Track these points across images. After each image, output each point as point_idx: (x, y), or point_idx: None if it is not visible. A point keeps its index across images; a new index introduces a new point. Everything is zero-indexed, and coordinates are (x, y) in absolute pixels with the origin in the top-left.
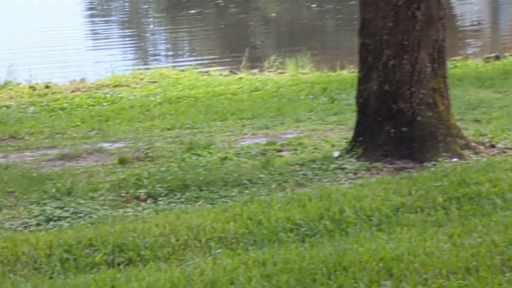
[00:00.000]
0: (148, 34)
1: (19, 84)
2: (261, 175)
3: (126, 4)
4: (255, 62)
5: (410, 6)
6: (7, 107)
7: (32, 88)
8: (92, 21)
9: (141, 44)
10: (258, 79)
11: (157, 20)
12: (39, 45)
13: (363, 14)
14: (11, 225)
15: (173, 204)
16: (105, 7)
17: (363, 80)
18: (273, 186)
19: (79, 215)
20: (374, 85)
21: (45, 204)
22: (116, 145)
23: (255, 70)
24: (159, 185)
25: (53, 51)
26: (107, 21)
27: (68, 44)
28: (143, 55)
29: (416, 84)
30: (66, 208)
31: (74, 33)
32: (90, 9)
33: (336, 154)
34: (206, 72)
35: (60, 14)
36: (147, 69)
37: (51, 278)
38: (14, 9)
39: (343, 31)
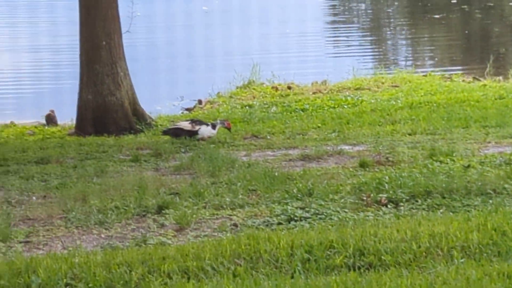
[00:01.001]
0: (390, 38)
1: (262, 84)
2: (506, 185)
3: (369, 8)
4: (500, 69)
5: None
6: (250, 106)
7: (275, 88)
8: (334, 23)
9: (383, 47)
10: (503, 87)
11: (399, 23)
12: (282, 47)
13: None
14: (253, 222)
15: (415, 210)
16: (347, 11)
17: None
18: None
19: (320, 216)
20: None
21: (286, 203)
22: (357, 148)
23: (500, 77)
24: (400, 190)
25: (295, 53)
26: (349, 23)
27: (310, 46)
28: (384, 58)
29: None
30: (307, 209)
31: (317, 35)
32: (333, 14)
33: None
34: (449, 77)
35: (303, 19)
36: (388, 73)
37: (292, 277)
38: (260, 13)
39: None
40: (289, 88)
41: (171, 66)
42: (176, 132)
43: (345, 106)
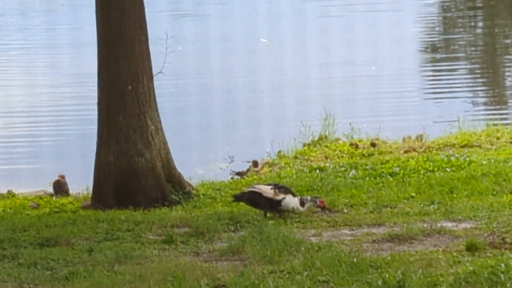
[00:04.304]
0: (508, 79)
1: (337, 140)
2: None
3: (480, 40)
4: None
5: None
6: (321, 169)
7: (354, 145)
8: (433, 60)
9: (498, 91)
10: None
11: None
12: (365, 92)
13: None
14: None
15: None
16: (450, 45)
17: None
18: None
19: None
20: None
21: None
22: (463, 225)
23: None
24: None
25: (382, 99)
26: (453, 61)
27: (401, 90)
28: (499, 105)
29: None
30: None
31: (410, 77)
32: (432, 50)
33: None
34: None
35: (392, 56)
36: (506, 124)
37: None
38: (334, 47)
39: None
40: (373, 145)
41: (218, 117)
42: (252, 199)
43: (448, 170)
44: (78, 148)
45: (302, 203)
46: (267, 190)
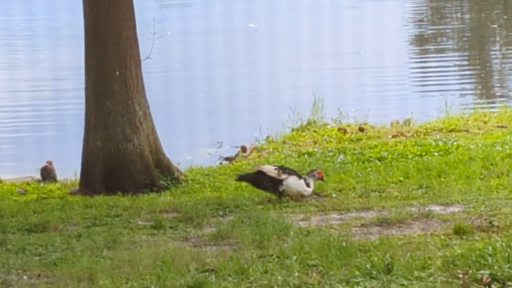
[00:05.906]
0: (494, 63)
1: (325, 125)
2: None
3: (467, 25)
4: None
5: None
6: (310, 154)
7: (342, 130)
8: (419, 47)
9: (484, 76)
10: None
11: (507, 44)
12: (353, 78)
13: None
14: None
15: None
16: (437, 30)
17: None
18: None
19: None
20: None
21: (357, 283)
22: (451, 209)
23: None
24: (508, 265)
25: (369, 85)
26: (438, 47)
27: (388, 76)
28: (487, 90)
29: None
30: None
31: (397, 62)
32: (419, 35)
33: None
34: None
35: (379, 41)
36: (492, 108)
37: None
38: (323, 33)
39: None
40: (361, 130)
41: (206, 102)
42: (256, 178)
43: (435, 154)
44: (66, 134)
45: (307, 184)
46: (271, 170)
